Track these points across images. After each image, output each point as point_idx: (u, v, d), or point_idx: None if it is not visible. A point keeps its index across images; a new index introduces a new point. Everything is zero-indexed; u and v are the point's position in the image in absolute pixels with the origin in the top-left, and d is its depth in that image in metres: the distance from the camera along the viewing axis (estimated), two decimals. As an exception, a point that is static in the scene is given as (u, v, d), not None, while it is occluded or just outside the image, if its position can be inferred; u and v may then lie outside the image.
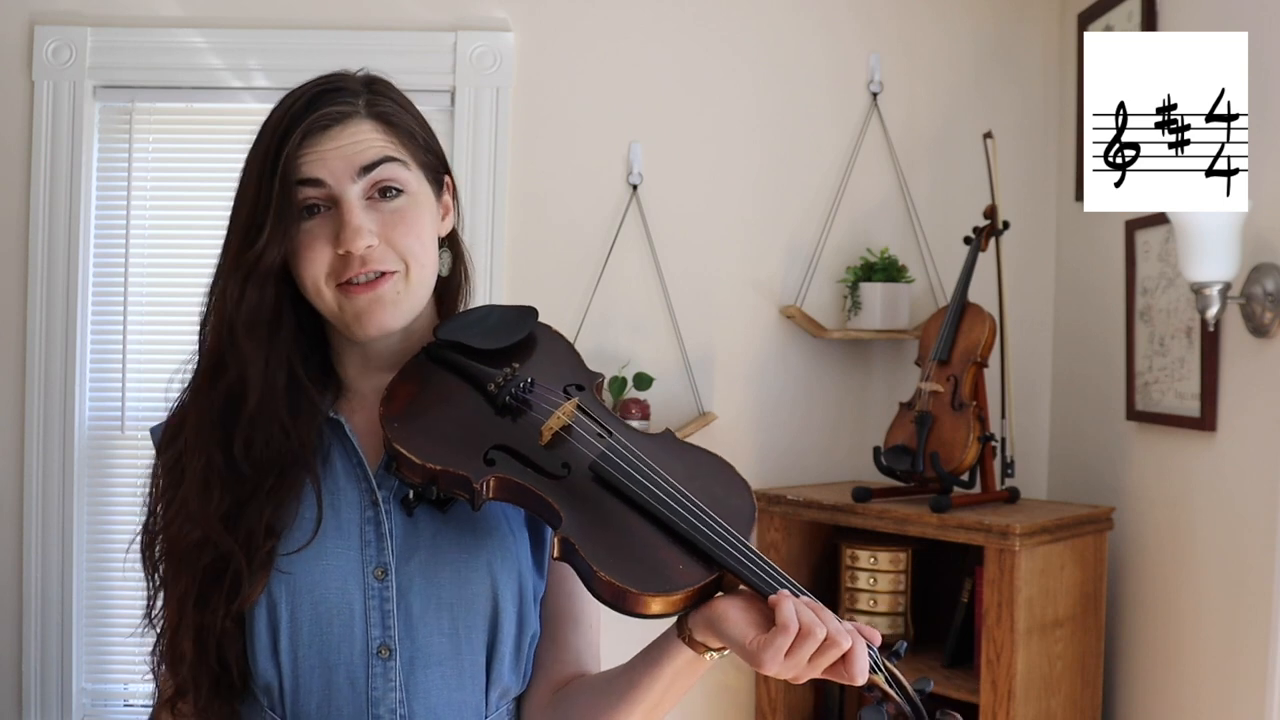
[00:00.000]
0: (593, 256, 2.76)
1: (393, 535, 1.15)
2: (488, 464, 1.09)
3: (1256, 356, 2.00)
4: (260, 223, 1.12)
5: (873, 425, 2.75)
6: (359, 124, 1.14)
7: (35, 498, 2.73)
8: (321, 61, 3.00)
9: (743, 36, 2.79)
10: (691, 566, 1.03)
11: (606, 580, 1.02)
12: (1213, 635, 2.10)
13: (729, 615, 1.02)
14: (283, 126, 1.13)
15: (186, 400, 1.19)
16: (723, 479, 1.12)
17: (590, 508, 1.06)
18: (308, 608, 1.13)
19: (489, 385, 1.15)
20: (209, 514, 1.12)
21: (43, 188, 2.73)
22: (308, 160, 1.12)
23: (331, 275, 1.13)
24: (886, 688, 1.03)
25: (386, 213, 1.14)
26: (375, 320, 1.14)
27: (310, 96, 1.15)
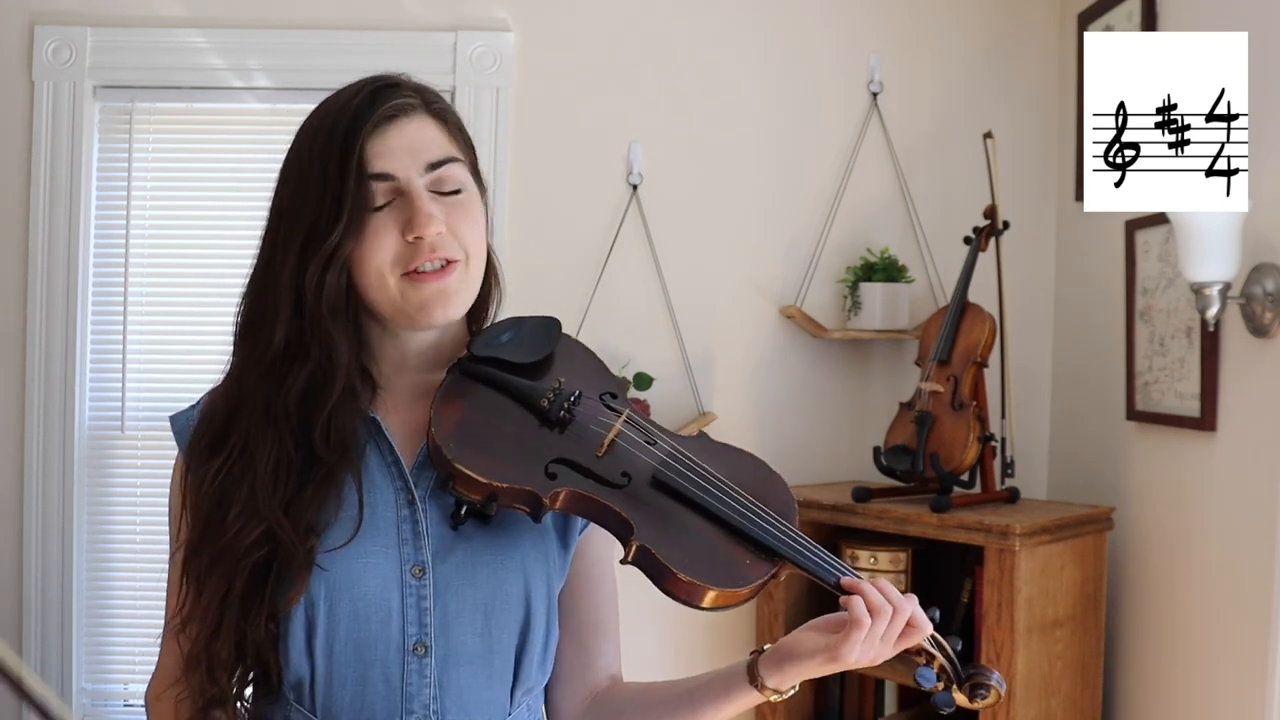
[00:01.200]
0: (593, 256, 2.76)
1: (429, 534, 1.17)
2: (550, 478, 1.14)
3: (1256, 356, 2.00)
4: (336, 213, 1.13)
5: (873, 425, 2.75)
6: (422, 118, 1.18)
7: (35, 498, 2.73)
8: (321, 61, 3.01)
9: (743, 36, 2.79)
10: (757, 561, 1.12)
11: (685, 580, 1.09)
12: (1213, 635, 2.10)
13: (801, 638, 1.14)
14: (346, 118, 1.15)
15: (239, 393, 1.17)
16: (762, 475, 1.21)
17: (655, 514, 1.13)
18: (346, 604, 1.14)
19: (540, 400, 1.19)
20: (274, 506, 1.12)
21: (43, 188, 2.73)
22: (378, 154, 1.14)
23: (398, 263, 1.14)
24: (931, 649, 1.15)
25: (449, 205, 1.17)
26: (440, 309, 1.16)
27: (371, 90, 1.17)
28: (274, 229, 1.17)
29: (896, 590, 1.11)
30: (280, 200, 1.17)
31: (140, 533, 2.80)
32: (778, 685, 1.14)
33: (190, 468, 1.18)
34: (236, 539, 1.12)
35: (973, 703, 1.16)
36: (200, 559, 1.14)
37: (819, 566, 1.12)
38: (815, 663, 1.11)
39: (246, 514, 1.12)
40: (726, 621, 2.73)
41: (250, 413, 1.16)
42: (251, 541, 1.12)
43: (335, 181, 1.13)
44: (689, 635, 2.75)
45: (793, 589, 2.53)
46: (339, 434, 1.15)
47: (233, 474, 1.14)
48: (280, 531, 1.11)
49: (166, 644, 1.22)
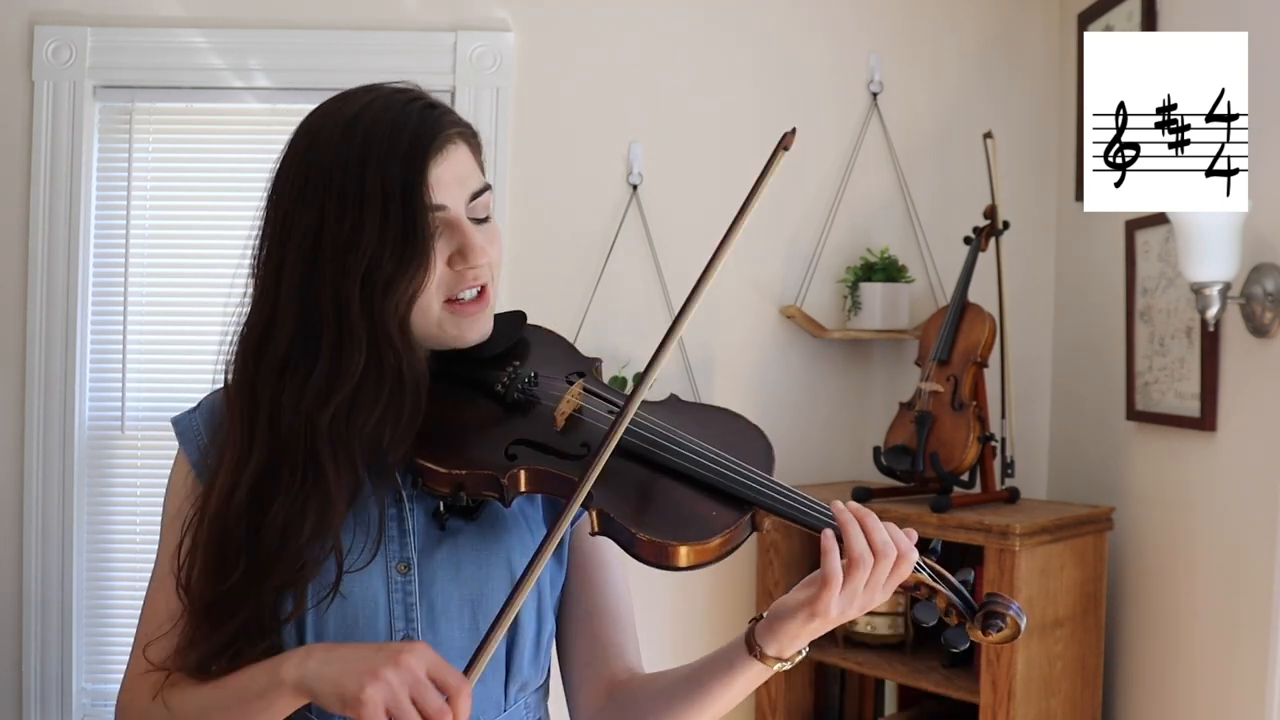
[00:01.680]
0: (593, 256, 2.76)
1: (414, 531, 1.17)
2: (510, 459, 1.13)
3: (1256, 356, 2.00)
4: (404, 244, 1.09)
5: (873, 425, 2.75)
6: (462, 146, 1.16)
7: (35, 498, 2.73)
8: (321, 61, 3.01)
9: (743, 36, 2.79)
10: (723, 510, 1.08)
11: (646, 540, 1.06)
12: (1212, 635, 2.10)
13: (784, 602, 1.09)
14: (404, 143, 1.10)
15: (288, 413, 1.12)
16: (735, 426, 1.18)
17: (616, 478, 1.10)
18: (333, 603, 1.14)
19: (495, 386, 1.19)
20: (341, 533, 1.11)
21: (43, 188, 2.73)
22: (436, 184, 1.11)
23: (441, 290, 1.13)
24: (932, 583, 1.08)
25: (485, 232, 1.17)
26: (479, 331, 1.17)
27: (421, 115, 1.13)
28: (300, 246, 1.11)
29: (883, 530, 1.05)
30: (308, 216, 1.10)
31: (140, 533, 2.80)
32: (778, 652, 1.10)
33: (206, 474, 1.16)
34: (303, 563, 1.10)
35: (986, 636, 1.08)
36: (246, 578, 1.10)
37: (794, 510, 1.08)
38: (799, 620, 1.07)
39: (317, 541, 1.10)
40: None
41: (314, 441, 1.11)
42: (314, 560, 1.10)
43: (398, 213, 1.09)
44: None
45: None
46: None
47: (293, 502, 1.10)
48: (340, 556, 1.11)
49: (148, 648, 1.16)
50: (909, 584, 1.08)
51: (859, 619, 2.45)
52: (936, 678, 2.33)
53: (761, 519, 1.09)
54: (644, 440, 1.12)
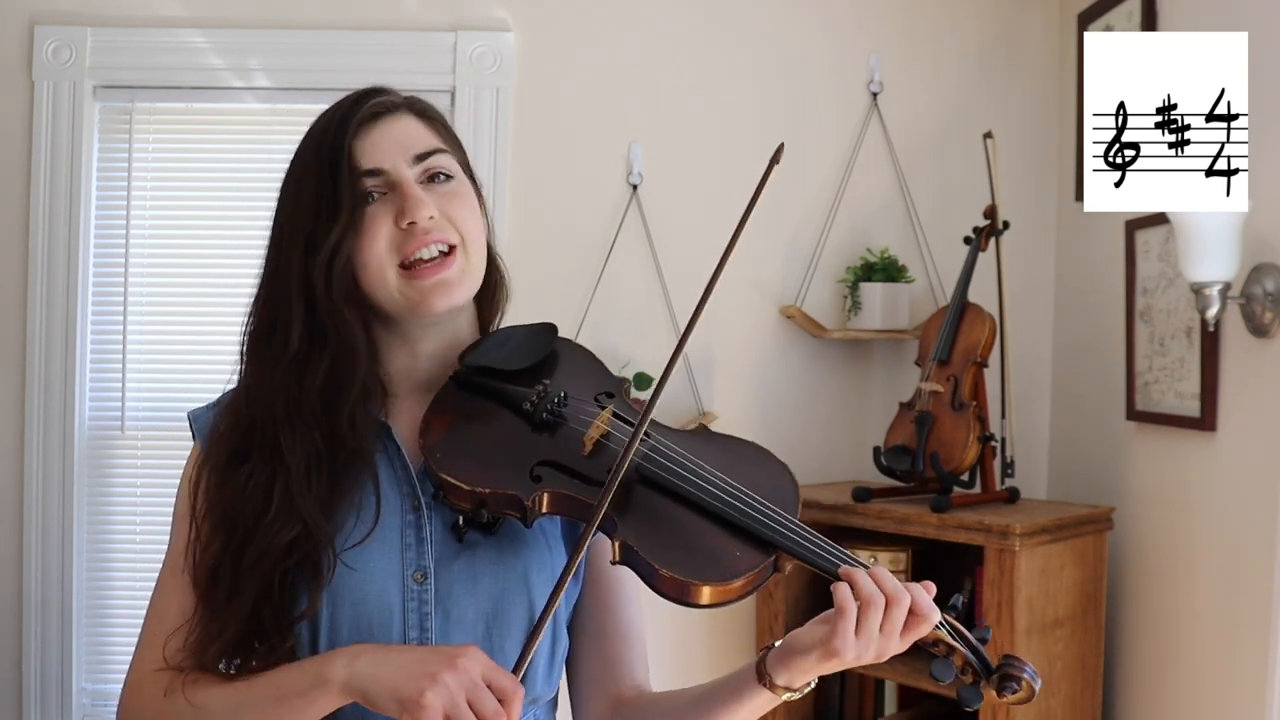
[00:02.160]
0: (593, 256, 2.75)
1: (432, 540, 1.17)
2: (535, 480, 1.12)
3: (1256, 356, 2.00)
4: (332, 210, 1.15)
5: (873, 425, 2.75)
6: (405, 116, 1.21)
7: (35, 498, 2.73)
8: (321, 61, 3.01)
9: (743, 36, 2.79)
10: (748, 552, 1.07)
11: (669, 577, 1.04)
12: (1212, 635, 2.10)
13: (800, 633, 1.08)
14: (335, 122, 1.18)
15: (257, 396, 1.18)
16: (762, 464, 1.17)
17: (641, 509, 1.09)
18: (348, 609, 1.14)
19: (524, 404, 1.18)
20: (311, 505, 1.13)
21: (43, 188, 2.72)
22: (365, 151, 1.17)
23: (394, 251, 1.16)
24: (950, 640, 1.07)
25: (440, 193, 1.19)
26: (443, 296, 1.17)
27: (355, 96, 1.21)
28: (278, 239, 1.20)
29: (894, 579, 1.04)
30: (281, 212, 1.21)
31: (140, 533, 2.80)
32: (788, 683, 1.09)
33: (209, 468, 1.18)
34: (275, 540, 1.12)
35: (1001, 697, 1.07)
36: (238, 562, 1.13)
37: (816, 555, 1.07)
38: (814, 658, 1.06)
39: (284, 515, 1.12)
40: (727, 626, 2.73)
41: (273, 416, 1.16)
42: (289, 541, 1.12)
43: (328, 182, 1.16)
44: (689, 642, 2.75)
45: (792, 588, 2.53)
46: (363, 422, 1.17)
47: (261, 478, 1.14)
48: (316, 530, 1.12)
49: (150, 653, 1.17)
50: (928, 640, 1.07)
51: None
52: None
53: (784, 561, 1.08)
54: (672, 474, 1.11)
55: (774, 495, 1.11)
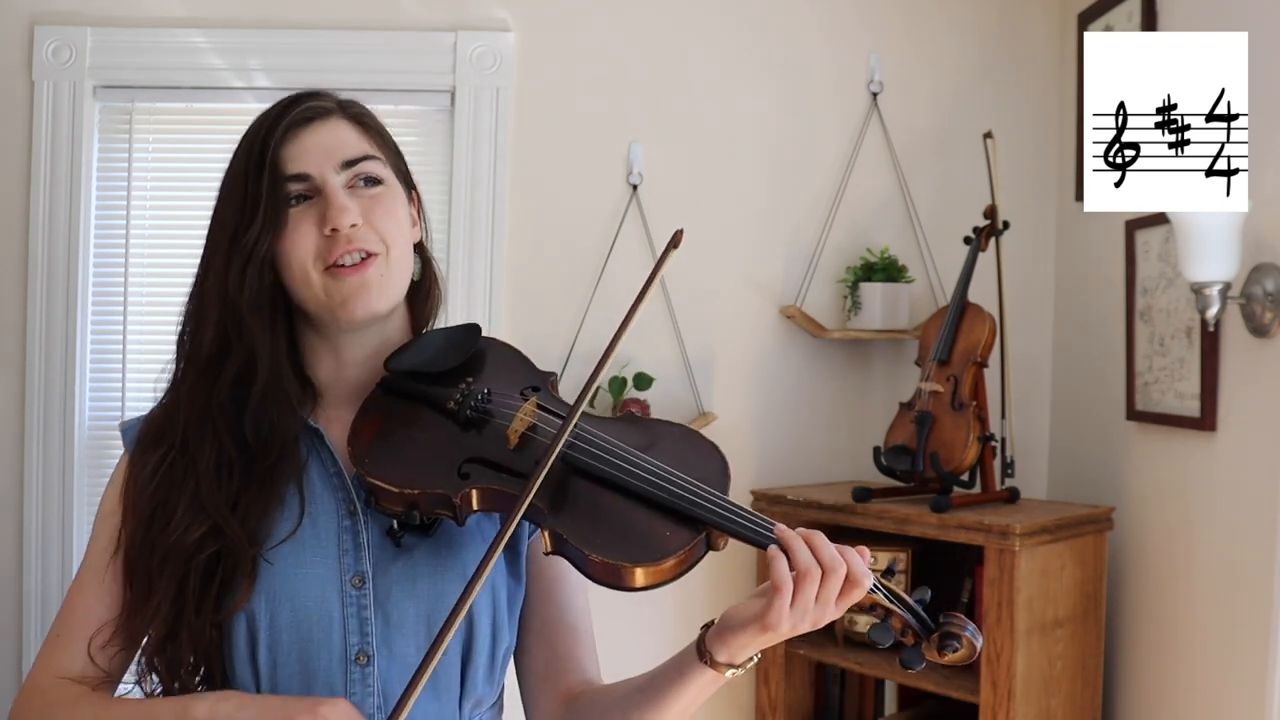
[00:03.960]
0: (593, 256, 2.75)
1: (370, 545, 1.17)
2: (463, 478, 1.12)
3: (1256, 356, 2.00)
4: (253, 212, 1.17)
5: (873, 425, 2.75)
6: (337, 122, 1.21)
7: (35, 497, 2.73)
8: (321, 61, 3.01)
9: (743, 36, 2.79)
10: (677, 531, 1.07)
11: (600, 561, 1.05)
12: (1212, 635, 2.10)
13: (736, 609, 1.06)
14: (265, 126, 1.20)
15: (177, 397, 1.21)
16: (689, 444, 1.17)
17: (569, 498, 1.10)
18: (287, 614, 1.14)
19: (448, 403, 1.18)
20: (219, 504, 1.14)
21: (43, 188, 2.72)
22: (292, 155, 1.18)
23: (319, 258, 1.17)
24: (888, 603, 1.07)
25: (366, 198, 1.19)
26: (362, 302, 1.17)
27: (289, 100, 1.22)
28: (207, 240, 1.22)
29: (830, 546, 1.03)
30: (214, 214, 1.23)
31: (140, 533, 2.80)
32: (729, 659, 1.07)
33: (132, 470, 1.20)
34: (184, 536, 1.14)
35: (942, 656, 1.07)
36: (149, 559, 1.15)
37: (746, 528, 1.06)
38: (750, 633, 1.05)
39: (192, 511, 1.14)
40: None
41: (189, 413, 1.18)
42: (198, 538, 1.13)
43: (254, 185, 1.18)
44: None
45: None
46: (270, 429, 1.17)
47: (175, 472, 1.17)
48: (227, 528, 1.13)
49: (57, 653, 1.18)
50: (865, 604, 1.07)
51: (859, 619, 2.46)
52: (936, 678, 2.33)
53: (717, 538, 1.08)
54: (596, 459, 1.11)
55: (701, 473, 1.11)
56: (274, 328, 1.19)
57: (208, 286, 1.19)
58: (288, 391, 1.18)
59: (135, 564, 1.17)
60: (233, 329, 1.17)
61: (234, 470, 1.16)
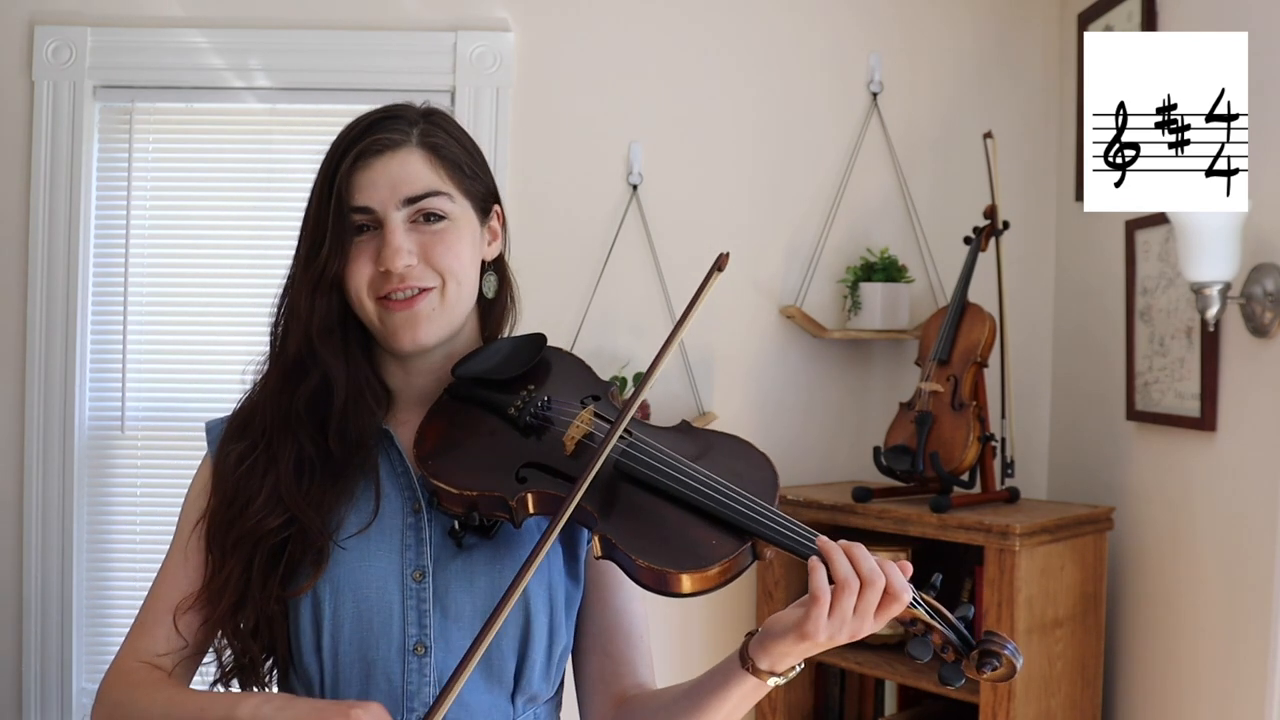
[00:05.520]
0: (593, 256, 2.76)
1: (431, 541, 1.21)
2: (520, 482, 1.16)
3: (1256, 356, 2.00)
4: (321, 239, 1.21)
5: (873, 425, 2.75)
6: (408, 153, 1.22)
7: (35, 498, 2.73)
8: (321, 61, 3.01)
9: (743, 36, 2.79)
10: (724, 539, 1.09)
11: (646, 567, 1.07)
12: (1212, 635, 2.10)
13: (778, 617, 1.09)
14: (341, 148, 1.22)
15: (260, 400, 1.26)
16: (741, 454, 1.20)
17: (620, 504, 1.13)
18: (350, 605, 1.19)
19: (509, 409, 1.23)
20: (297, 497, 1.19)
21: (43, 188, 2.73)
22: (359, 187, 1.20)
23: (372, 289, 1.21)
24: (928, 619, 1.08)
25: (427, 234, 1.22)
26: (410, 335, 1.22)
27: (368, 123, 1.23)
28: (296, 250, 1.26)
29: (871, 559, 1.04)
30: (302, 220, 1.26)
31: (140, 533, 2.80)
32: (770, 667, 1.10)
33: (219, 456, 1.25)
34: (261, 523, 1.19)
35: (981, 674, 1.07)
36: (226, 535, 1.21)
37: (790, 539, 1.08)
38: (789, 640, 1.06)
39: (271, 502, 1.20)
40: (730, 622, 2.73)
41: (271, 415, 1.24)
42: (275, 526, 1.19)
43: (323, 208, 1.21)
44: (691, 639, 2.75)
45: (794, 585, 2.53)
46: (354, 436, 1.22)
47: (257, 466, 1.22)
48: (304, 518, 1.19)
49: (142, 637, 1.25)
50: (905, 619, 1.08)
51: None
52: (936, 678, 2.33)
53: (763, 548, 1.10)
54: (648, 466, 1.14)
55: (751, 483, 1.13)
56: (347, 348, 1.24)
57: (291, 299, 1.24)
58: (369, 403, 1.24)
59: (214, 537, 1.22)
60: (306, 353, 1.23)
61: (314, 469, 1.21)
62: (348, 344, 1.24)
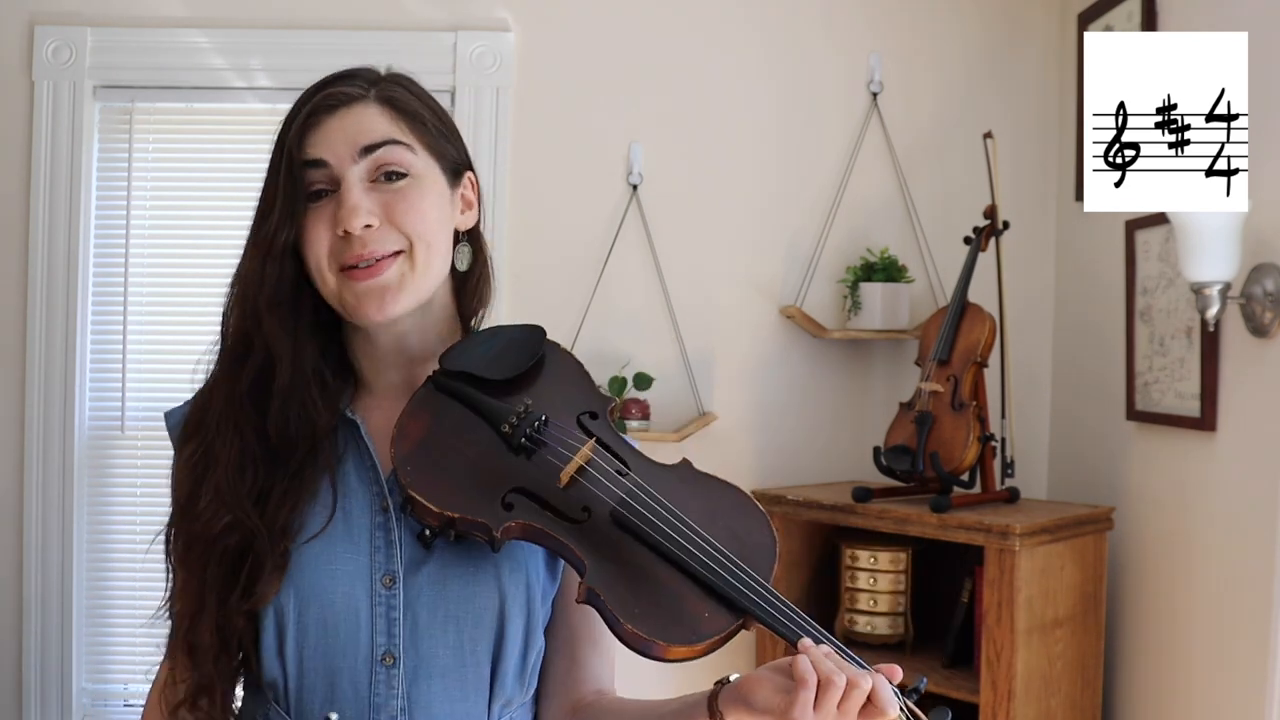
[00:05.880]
0: (593, 256, 2.76)
1: (402, 543, 1.14)
2: (506, 508, 1.08)
3: (1256, 356, 2.00)
4: (271, 203, 1.13)
5: (873, 425, 2.75)
6: (365, 107, 1.15)
7: (35, 498, 2.73)
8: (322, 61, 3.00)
9: (743, 36, 2.79)
10: (716, 614, 1.03)
11: (633, 632, 1.01)
12: (1212, 635, 2.10)
13: (757, 689, 1.01)
14: (294, 110, 1.15)
15: (209, 389, 1.19)
16: (742, 514, 1.11)
17: (612, 554, 1.05)
18: (315, 611, 1.12)
19: (502, 426, 1.13)
20: (241, 496, 1.12)
21: (43, 188, 2.73)
22: (311, 141, 1.13)
23: (333, 258, 1.13)
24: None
25: (389, 192, 1.13)
26: (377, 305, 1.12)
27: (323, 81, 1.17)
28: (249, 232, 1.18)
29: (856, 665, 0.99)
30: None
31: (140, 533, 2.80)
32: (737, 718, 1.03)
33: (175, 458, 1.19)
34: (207, 526, 1.12)
35: None
36: (178, 543, 1.15)
37: (778, 622, 1.02)
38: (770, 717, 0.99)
39: (216, 503, 1.12)
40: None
41: (216, 406, 1.16)
42: (220, 529, 1.12)
43: (274, 172, 1.14)
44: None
45: (793, 589, 2.53)
46: (296, 426, 1.14)
47: (204, 462, 1.15)
48: (248, 521, 1.11)
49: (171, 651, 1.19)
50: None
51: (859, 619, 2.45)
52: (936, 678, 2.33)
53: (751, 624, 1.04)
54: (647, 522, 1.06)
55: (753, 552, 1.06)
56: (297, 325, 1.15)
57: (238, 270, 1.17)
58: (313, 390, 1.15)
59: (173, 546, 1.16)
60: (252, 326, 1.14)
61: (257, 464, 1.13)
62: (298, 321, 1.15)
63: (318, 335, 1.18)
